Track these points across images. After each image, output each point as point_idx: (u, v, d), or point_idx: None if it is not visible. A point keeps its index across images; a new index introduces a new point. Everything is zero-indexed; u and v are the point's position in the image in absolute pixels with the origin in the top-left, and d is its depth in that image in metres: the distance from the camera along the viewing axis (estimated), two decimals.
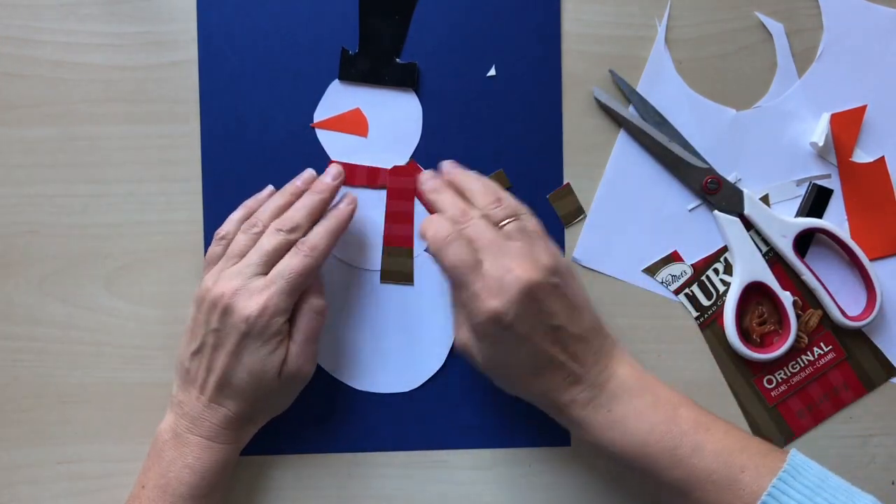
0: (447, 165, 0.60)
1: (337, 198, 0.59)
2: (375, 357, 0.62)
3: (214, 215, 0.61)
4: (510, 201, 0.56)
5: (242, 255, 0.56)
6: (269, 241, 0.55)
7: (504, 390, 0.57)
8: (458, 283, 0.54)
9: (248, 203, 0.59)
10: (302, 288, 0.55)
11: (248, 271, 0.54)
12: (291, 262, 0.54)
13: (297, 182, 0.59)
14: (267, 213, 0.57)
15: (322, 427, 0.62)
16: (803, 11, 0.62)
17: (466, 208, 0.56)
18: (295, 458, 0.62)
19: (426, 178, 0.59)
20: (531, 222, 0.56)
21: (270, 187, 0.60)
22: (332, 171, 0.59)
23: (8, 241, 0.61)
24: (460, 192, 0.58)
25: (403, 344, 0.62)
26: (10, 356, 0.61)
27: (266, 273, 0.55)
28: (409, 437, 0.62)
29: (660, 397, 0.54)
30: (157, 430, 0.56)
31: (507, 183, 0.61)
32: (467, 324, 0.55)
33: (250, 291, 0.53)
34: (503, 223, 0.55)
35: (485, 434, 0.62)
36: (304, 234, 0.56)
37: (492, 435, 0.62)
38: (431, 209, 0.58)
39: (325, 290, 0.58)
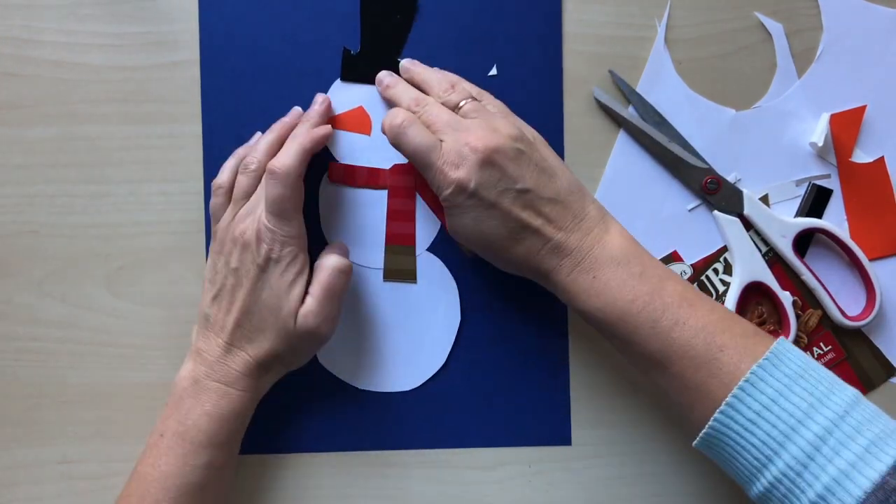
0: (405, 63, 0.61)
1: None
2: (377, 356, 0.62)
3: None
4: (465, 85, 0.58)
5: (248, 196, 0.57)
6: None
7: (497, 267, 0.58)
8: (422, 165, 0.55)
9: (239, 151, 0.60)
10: (294, 209, 0.55)
11: (258, 208, 0.55)
12: (268, 192, 0.54)
13: (286, 119, 0.60)
14: (261, 151, 0.58)
15: (323, 426, 0.62)
16: (803, 11, 0.62)
17: (421, 96, 0.58)
18: (295, 458, 0.62)
19: (383, 76, 0.61)
20: (492, 104, 0.58)
21: (259, 133, 0.61)
22: (318, 99, 0.60)
23: (8, 241, 0.61)
24: (417, 85, 0.60)
25: (405, 343, 0.62)
26: (10, 356, 0.61)
27: None
28: (410, 437, 0.62)
29: (647, 268, 0.54)
30: (175, 379, 0.56)
31: None
32: (442, 201, 0.55)
33: (260, 228, 0.54)
34: (460, 105, 0.56)
35: (485, 433, 0.62)
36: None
37: (492, 434, 0.62)
38: (390, 105, 0.60)
39: (348, 253, 0.60)
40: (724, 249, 0.62)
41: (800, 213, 0.62)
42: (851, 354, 0.62)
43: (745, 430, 0.48)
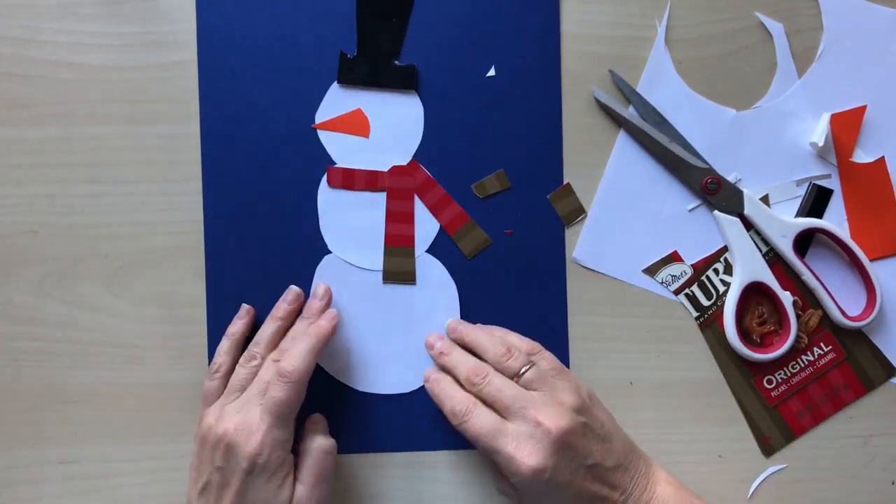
0: (452, 323, 0.61)
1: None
2: (377, 358, 0.62)
3: (214, 215, 0.61)
4: (520, 347, 0.58)
5: (243, 389, 0.56)
6: (268, 372, 0.56)
7: None
8: (489, 451, 0.54)
9: (230, 331, 0.60)
10: (290, 415, 0.54)
11: (249, 406, 0.54)
12: (273, 394, 0.54)
13: (283, 304, 0.59)
14: (262, 344, 0.58)
15: None
16: (803, 11, 0.62)
17: (479, 366, 0.57)
18: None
19: (434, 341, 0.60)
20: (545, 362, 0.57)
21: (245, 306, 0.60)
22: (319, 291, 0.60)
23: (8, 241, 0.61)
24: (469, 349, 0.59)
25: (406, 344, 0.62)
26: (10, 356, 0.61)
27: None
28: (411, 438, 0.62)
29: None
30: None
31: (506, 183, 0.61)
32: (508, 481, 0.55)
33: (250, 428, 0.53)
34: (520, 372, 0.56)
35: None
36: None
37: None
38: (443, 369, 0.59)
39: (328, 428, 0.59)
40: (725, 249, 0.62)
41: (800, 213, 0.62)
42: (852, 355, 0.62)
43: None
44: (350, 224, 0.61)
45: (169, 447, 0.61)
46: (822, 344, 0.62)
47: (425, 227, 0.62)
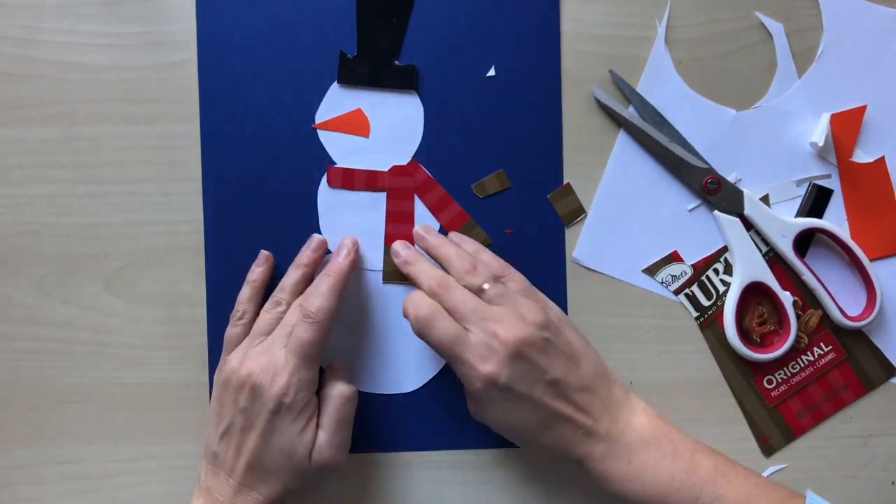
0: (420, 231, 0.61)
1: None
2: (378, 358, 0.62)
3: (214, 215, 0.61)
4: (487, 264, 0.58)
5: (267, 333, 0.56)
6: (293, 316, 0.56)
7: (524, 448, 0.58)
8: (449, 357, 0.55)
9: (250, 278, 0.60)
10: (317, 356, 0.55)
11: (274, 348, 0.55)
12: (299, 335, 0.54)
13: (308, 252, 0.59)
14: (287, 290, 0.58)
15: None
16: (803, 11, 0.62)
17: (443, 278, 0.56)
18: None
19: (400, 250, 0.60)
20: (514, 283, 0.57)
21: (264, 252, 0.60)
22: (347, 243, 0.59)
23: (8, 241, 0.61)
24: (434, 258, 0.59)
25: (406, 344, 0.62)
26: (10, 356, 0.61)
27: None
28: (411, 438, 0.62)
29: (678, 445, 0.55)
30: None
31: (506, 183, 0.61)
32: (470, 393, 0.56)
33: (276, 370, 0.53)
34: (483, 288, 0.56)
35: (486, 434, 0.62)
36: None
37: (493, 435, 0.62)
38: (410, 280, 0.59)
39: (351, 376, 0.59)
40: (725, 249, 0.62)
41: (800, 213, 0.62)
42: (852, 354, 0.62)
43: None
44: (350, 224, 0.61)
45: (169, 447, 0.61)
46: (822, 344, 0.62)
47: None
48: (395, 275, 0.61)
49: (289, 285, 0.58)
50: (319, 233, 0.61)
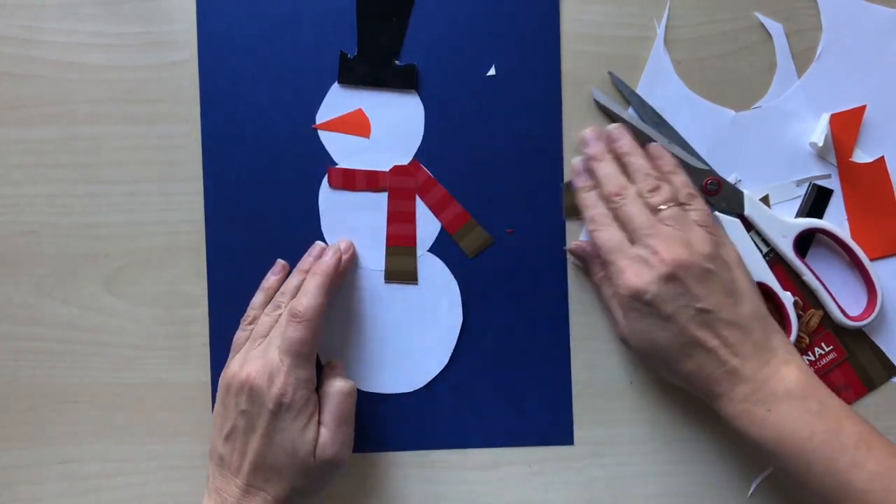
0: (614, 131, 0.60)
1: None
2: (379, 358, 0.62)
3: (215, 215, 0.61)
4: (671, 186, 0.57)
5: (266, 336, 0.57)
6: (286, 317, 0.56)
7: (663, 376, 0.58)
8: (607, 261, 0.56)
9: (265, 284, 0.60)
10: (310, 354, 0.55)
11: (271, 349, 0.55)
12: (288, 335, 0.54)
13: (309, 258, 0.60)
14: (287, 294, 0.58)
15: None
16: (803, 11, 0.62)
17: (624, 186, 0.57)
18: None
19: (591, 139, 0.60)
20: (696, 211, 0.57)
21: (281, 262, 0.61)
22: (343, 244, 0.60)
23: (8, 241, 0.61)
24: (622, 164, 0.59)
25: (407, 344, 0.62)
26: (10, 356, 0.61)
27: None
28: (411, 438, 0.62)
29: (826, 406, 0.53)
30: None
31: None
32: (615, 299, 0.57)
33: (272, 371, 0.54)
34: (660, 208, 0.56)
35: (486, 434, 0.62)
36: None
37: (492, 435, 0.62)
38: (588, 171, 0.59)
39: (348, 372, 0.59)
40: None
41: (800, 214, 0.62)
42: (853, 354, 0.62)
43: None
44: (351, 224, 0.61)
45: (169, 447, 0.61)
46: (823, 344, 0.62)
47: (427, 226, 0.62)
48: (397, 274, 0.62)
49: (289, 290, 0.59)
50: (320, 233, 0.61)
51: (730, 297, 0.54)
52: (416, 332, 0.62)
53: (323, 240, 0.61)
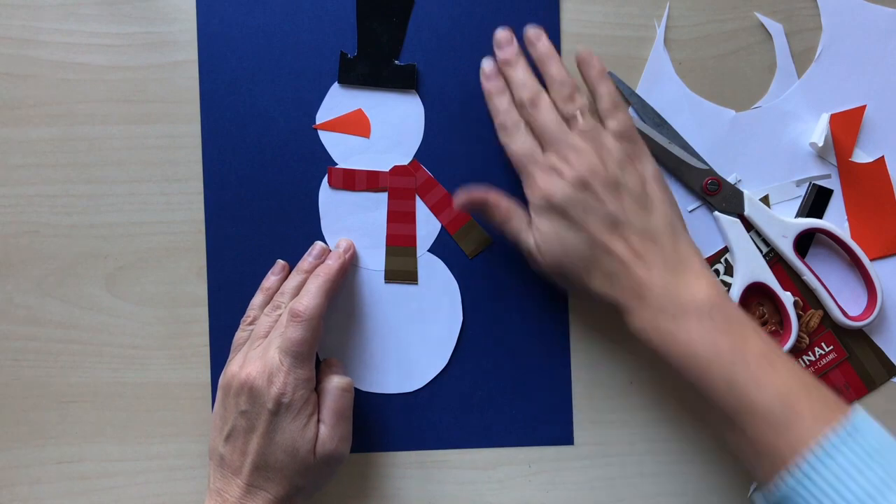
0: (532, 35, 0.59)
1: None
2: (379, 358, 0.62)
3: (215, 215, 0.61)
4: (598, 96, 0.57)
5: (266, 336, 0.57)
6: (286, 317, 0.56)
7: (571, 291, 0.58)
8: (518, 169, 0.56)
9: (265, 284, 0.60)
10: (309, 354, 0.55)
11: (270, 349, 0.55)
12: (288, 335, 0.54)
13: (309, 258, 0.60)
14: (287, 294, 0.58)
15: None
16: (802, 11, 0.62)
17: (537, 96, 0.56)
18: None
19: (504, 42, 0.59)
20: (615, 121, 0.56)
21: (281, 262, 0.61)
22: (342, 245, 0.60)
23: (8, 241, 0.61)
24: (542, 73, 0.58)
25: (407, 344, 0.62)
26: (10, 356, 0.61)
27: None
28: (411, 438, 0.62)
29: (732, 323, 0.52)
30: None
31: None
32: (530, 211, 0.56)
33: (271, 371, 0.54)
34: (576, 117, 0.55)
35: (486, 433, 0.62)
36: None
37: (492, 435, 0.62)
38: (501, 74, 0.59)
39: (345, 368, 0.60)
40: (725, 250, 0.62)
41: (800, 214, 0.62)
42: (853, 354, 0.62)
43: (813, 499, 0.47)
44: (351, 224, 0.61)
45: (169, 447, 0.61)
46: (823, 344, 0.62)
47: (427, 226, 0.62)
48: (397, 274, 0.62)
49: (289, 290, 0.59)
50: (320, 233, 0.61)
51: (641, 206, 0.54)
52: (417, 332, 0.62)
53: (323, 240, 0.61)
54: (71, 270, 0.61)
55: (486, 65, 0.59)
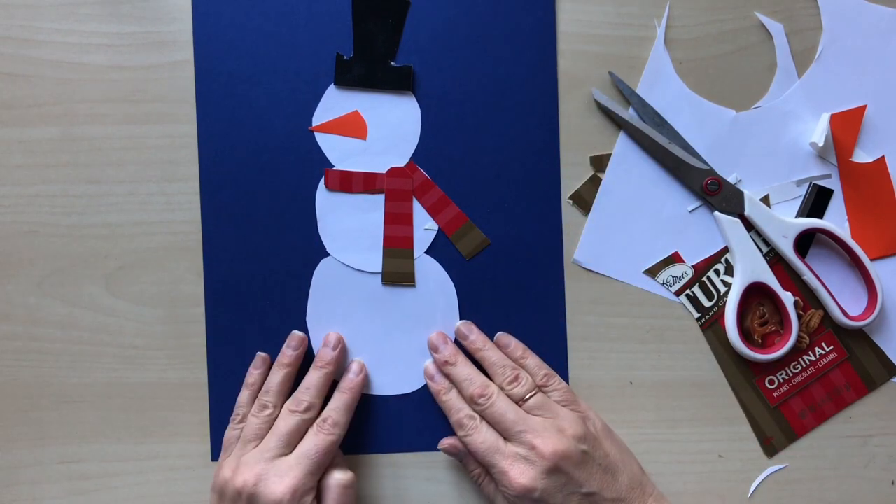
0: (463, 329, 0.61)
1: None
2: (377, 359, 0.62)
3: (212, 217, 0.61)
4: (532, 371, 0.59)
5: (258, 438, 0.56)
6: (286, 423, 0.56)
7: None
8: (486, 464, 0.56)
9: (248, 381, 0.60)
10: (326, 464, 0.55)
11: (269, 454, 0.55)
12: (316, 442, 0.55)
13: (288, 351, 0.60)
14: (272, 392, 0.58)
15: None
16: (803, 11, 0.62)
17: (485, 388, 0.58)
18: None
19: (439, 345, 0.61)
20: (556, 391, 0.59)
21: (261, 355, 0.61)
22: (332, 340, 0.60)
23: (8, 241, 0.61)
24: (480, 362, 0.60)
25: (405, 345, 0.62)
26: (10, 356, 0.61)
27: (287, 454, 0.55)
28: (410, 438, 0.62)
29: None
30: None
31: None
32: (502, 496, 0.57)
33: (277, 474, 0.53)
34: (525, 397, 0.57)
35: None
36: (319, 411, 0.57)
37: None
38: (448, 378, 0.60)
39: (346, 463, 0.59)
40: (726, 250, 0.62)
41: (801, 214, 0.62)
42: (853, 354, 0.62)
43: None
44: (348, 226, 0.61)
45: (169, 447, 0.61)
46: (823, 344, 0.62)
47: (423, 228, 0.62)
48: (394, 276, 0.61)
49: (273, 387, 0.58)
50: (317, 235, 0.61)
51: (608, 475, 0.56)
52: (414, 333, 0.62)
53: (320, 242, 0.61)
54: (71, 270, 0.61)
55: (429, 366, 0.61)
